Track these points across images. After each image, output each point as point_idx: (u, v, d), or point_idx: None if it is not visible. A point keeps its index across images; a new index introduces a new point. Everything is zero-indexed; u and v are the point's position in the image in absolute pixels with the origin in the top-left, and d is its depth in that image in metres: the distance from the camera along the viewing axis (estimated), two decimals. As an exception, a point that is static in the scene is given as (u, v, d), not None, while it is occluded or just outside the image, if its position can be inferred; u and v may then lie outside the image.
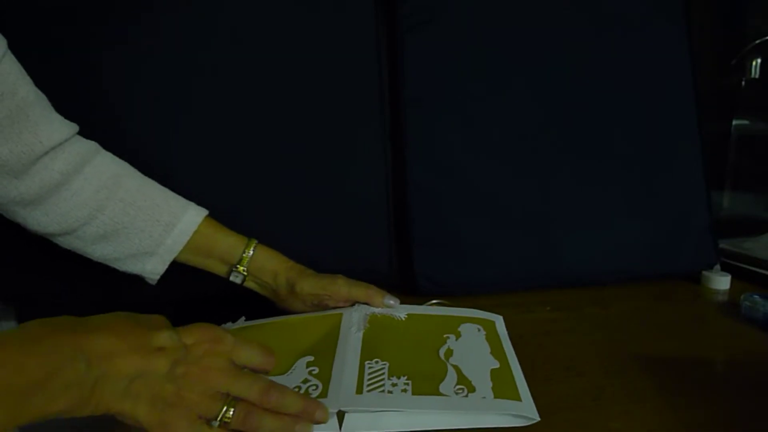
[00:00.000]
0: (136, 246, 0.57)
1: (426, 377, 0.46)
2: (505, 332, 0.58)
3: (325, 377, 0.46)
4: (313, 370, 0.47)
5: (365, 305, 0.59)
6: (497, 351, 0.53)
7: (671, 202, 0.83)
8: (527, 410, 0.45)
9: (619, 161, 0.82)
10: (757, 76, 1.04)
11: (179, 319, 0.69)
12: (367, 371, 0.46)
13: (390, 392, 0.44)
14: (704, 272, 0.83)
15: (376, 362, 0.48)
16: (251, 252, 0.60)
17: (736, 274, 0.83)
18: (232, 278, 0.61)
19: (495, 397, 0.46)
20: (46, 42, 0.68)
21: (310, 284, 0.60)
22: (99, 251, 0.57)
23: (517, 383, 0.49)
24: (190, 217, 0.58)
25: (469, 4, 0.80)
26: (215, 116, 0.72)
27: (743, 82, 1.07)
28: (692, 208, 0.84)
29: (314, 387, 0.45)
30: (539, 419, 0.45)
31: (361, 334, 0.52)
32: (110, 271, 0.60)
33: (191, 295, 0.72)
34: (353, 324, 0.54)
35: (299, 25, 0.76)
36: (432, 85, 0.79)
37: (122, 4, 0.70)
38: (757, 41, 1.03)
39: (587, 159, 0.81)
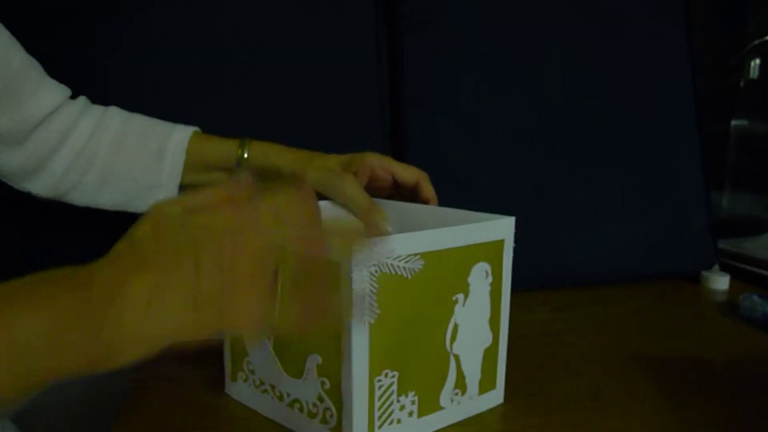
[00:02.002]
0: (138, 182, 0.57)
1: (430, 386, 0.45)
2: (511, 251, 0.49)
3: (337, 399, 0.42)
4: (325, 383, 0.43)
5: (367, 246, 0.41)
6: (496, 306, 0.48)
7: (671, 202, 0.83)
8: (494, 401, 0.49)
9: (618, 161, 0.82)
10: (756, 77, 1.04)
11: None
12: (377, 390, 0.42)
13: (399, 421, 0.43)
14: (703, 272, 0.83)
15: (386, 375, 0.42)
16: (246, 151, 0.57)
17: (736, 274, 0.83)
18: None
19: (479, 393, 0.47)
20: (45, 41, 0.67)
21: (316, 180, 0.53)
22: (108, 199, 0.57)
23: (499, 362, 0.49)
24: (178, 137, 0.57)
25: (469, 4, 0.80)
26: (215, 116, 0.72)
27: (742, 83, 1.07)
28: (692, 208, 0.84)
29: (330, 414, 0.43)
30: (501, 402, 0.49)
31: (367, 330, 0.41)
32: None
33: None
34: (359, 306, 0.41)
35: (299, 25, 0.76)
36: (432, 85, 0.79)
37: (122, 5, 0.70)
38: (757, 41, 1.03)
39: (587, 159, 0.81)
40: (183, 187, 0.59)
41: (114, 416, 0.48)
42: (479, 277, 0.46)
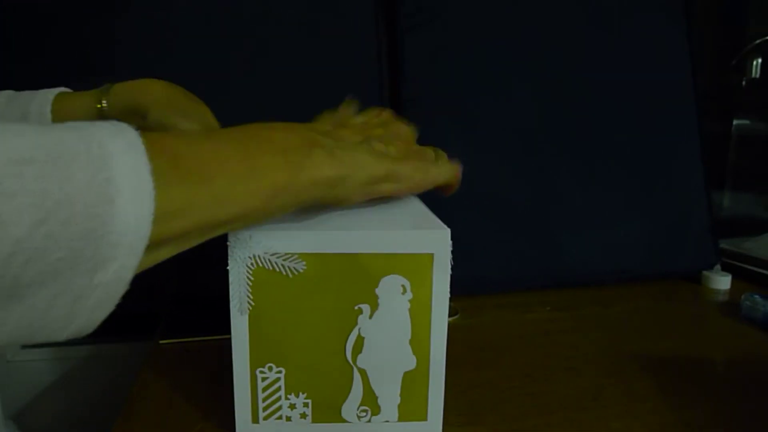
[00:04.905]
0: None
1: (327, 394, 0.43)
2: (447, 268, 0.42)
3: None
4: None
5: (245, 236, 0.39)
6: (421, 328, 0.42)
7: (671, 202, 0.83)
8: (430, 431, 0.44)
9: (619, 161, 0.82)
10: (757, 76, 1.04)
11: (179, 319, 0.69)
12: (260, 383, 0.42)
13: (289, 419, 0.42)
14: (704, 272, 0.83)
15: (270, 369, 0.42)
16: (105, 97, 0.51)
17: (737, 274, 0.83)
18: None
19: (399, 419, 0.43)
20: (46, 40, 0.68)
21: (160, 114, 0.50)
22: None
23: (431, 389, 0.43)
24: (40, 99, 0.51)
25: (469, 4, 0.80)
26: (215, 116, 0.72)
27: (743, 82, 1.07)
28: (692, 208, 0.84)
29: None
30: None
31: (246, 321, 0.41)
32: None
33: (191, 295, 0.73)
34: (235, 294, 0.40)
35: (299, 25, 0.76)
36: (432, 85, 0.79)
37: (122, 3, 0.70)
38: (758, 41, 1.03)
39: (587, 159, 0.81)
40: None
41: (114, 416, 0.48)
42: (392, 291, 0.41)
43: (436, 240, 0.41)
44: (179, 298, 0.74)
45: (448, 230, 0.41)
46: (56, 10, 0.69)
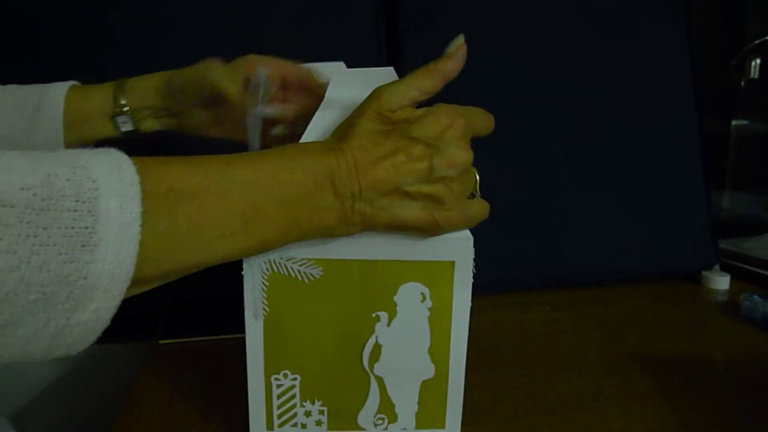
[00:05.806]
0: (18, 144, 0.51)
1: (343, 401, 0.42)
2: (469, 276, 0.42)
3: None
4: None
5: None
6: (440, 337, 0.42)
7: (671, 202, 0.83)
8: None
9: (618, 161, 0.82)
10: (756, 77, 1.04)
11: (179, 319, 0.69)
12: (275, 390, 0.41)
13: (304, 426, 0.42)
14: (704, 272, 0.83)
15: (285, 376, 0.41)
16: (124, 86, 0.51)
17: (736, 274, 0.83)
18: (123, 128, 0.53)
19: (416, 427, 0.43)
20: (44, 43, 0.68)
21: (185, 78, 0.51)
22: None
23: (449, 397, 0.43)
24: (54, 91, 0.51)
25: (469, 4, 0.80)
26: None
27: (743, 83, 1.07)
28: (692, 208, 0.84)
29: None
30: None
31: (261, 326, 0.40)
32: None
33: (191, 295, 0.73)
34: (250, 299, 0.40)
35: (299, 25, 0.76)
36: (432, 85, 0.79)
37: (124, 4, 0.70)
38: (757, 41, 1.03)
39: (587, 159, 0.81)
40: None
41: (114, 416, 0.48)
42: (410, 298, 0.41)
43: (458, 248, 0.40)
44: (179, 298, 0.74)
45: (471, 238, 0.41)
46: (55, 10, 0.69)
